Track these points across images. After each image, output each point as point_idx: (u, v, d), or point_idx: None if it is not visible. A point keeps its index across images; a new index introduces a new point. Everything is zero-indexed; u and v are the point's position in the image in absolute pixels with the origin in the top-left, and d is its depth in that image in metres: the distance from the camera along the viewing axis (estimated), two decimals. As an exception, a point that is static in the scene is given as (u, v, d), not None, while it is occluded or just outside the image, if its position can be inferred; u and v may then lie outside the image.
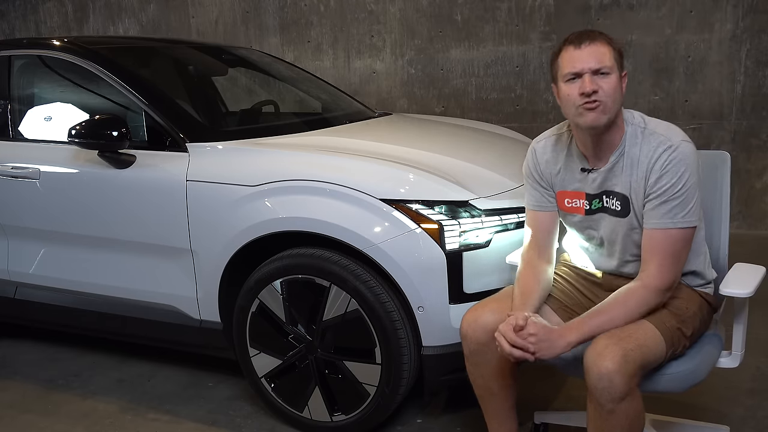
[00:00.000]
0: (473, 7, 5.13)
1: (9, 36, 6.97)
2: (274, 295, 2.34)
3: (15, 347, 3.31)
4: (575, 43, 1.71)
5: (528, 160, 1.97)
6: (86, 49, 2.88)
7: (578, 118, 1.73)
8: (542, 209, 1.95)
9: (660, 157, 1.71)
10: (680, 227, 1.71)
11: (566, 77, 1.72)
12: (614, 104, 1.71)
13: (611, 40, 1.73)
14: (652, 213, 1.72)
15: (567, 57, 1.72)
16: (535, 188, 1.95)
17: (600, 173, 1.80)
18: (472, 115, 5.21)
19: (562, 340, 1.65)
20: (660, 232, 1.71)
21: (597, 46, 1.70)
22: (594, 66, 1.68)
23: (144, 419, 2.60)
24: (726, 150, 1.87)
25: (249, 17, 5.91)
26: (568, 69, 1.71)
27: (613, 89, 1.70)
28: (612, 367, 1.55)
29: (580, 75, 1.69)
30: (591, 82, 1.68)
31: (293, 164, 2.38)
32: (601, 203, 1.83)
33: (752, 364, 2.71)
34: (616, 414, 1.59)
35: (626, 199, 1.77)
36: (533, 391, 2.59)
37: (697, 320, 1.80)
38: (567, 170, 1.88)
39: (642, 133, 1.76)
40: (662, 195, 1.70)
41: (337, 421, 2.35)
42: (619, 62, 1.73)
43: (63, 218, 2.76)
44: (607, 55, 1.70)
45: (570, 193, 1.89)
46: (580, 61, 1.69)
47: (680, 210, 1.70)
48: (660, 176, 1.70)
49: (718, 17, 4.49)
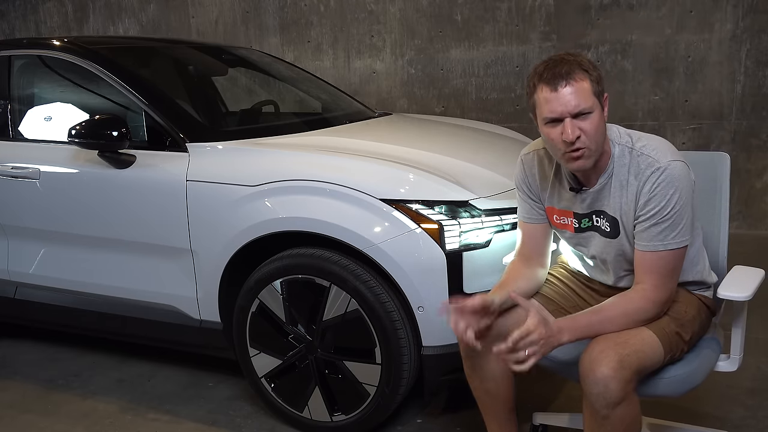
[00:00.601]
0: (473, 7, 5.13)
1: (9, 36, 6.97)
2: (274, 295, 2.34)
3: (15, 347, 3.31)
4: (551, 84, 1.60)
5: (517, 172, 1.93)
6: (86, 49, 2.88)
7: (564, 163, 1.70)
8: (533, 221, 1.92)
9: (648, 180, 1.66)
10: (671, 249, 1.68)
11: (545, 120, 1.64)
12: (599, 144, 1.65)
13: (588, 69, 1.63)
14: (642, 235, 1.70)
15: (543, 99, 1.63)
16: (525, 200, 1.92)
17: (589, 194, 1.77)
18: (472, 115, 5.21)
19: (557, 338, 1.60)
20: (651, 254, 1.69)
21: (574, 85, 1.59)
22: (573, 110, 1.60)
23: (144, 419, 2.60)
24: (726, 150, 1.87)
25: (249, 17, 5.91)
26: (547, 113, 1.63)
27: (596, 129, 1.62)
28: (608, 373, 1.54)
29: (561, 120, 1.62)
30: (572, 129, 1.60)
31: (293, 164, 2.38)
32: (591, 222, 1.80)
33: (753, 365, 2.71)
34: (611, 419, 1.57)
35: (615, 221, 1.75)
36: (533, 392, 2.59)
37: (696, 324, 1.79)
38: (555, 188, 1.85)
39: (630, 153, 1.71)
40: (652, 218, 1.67)
41: (337, 421, 2.35)
42: (599, 90, 1.64)
43: (63, 218, 2.76)
44: (586, 93, 1.60)
45: (558, 211, 1.86)
46: (558, 105, 1.60)
47: (670, 232, 1.67)
48: (648, 200, 1.67)
49: (718, 17, 4.49)
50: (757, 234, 4.59)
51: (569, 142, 1.61)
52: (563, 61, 1.62)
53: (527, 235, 1.94)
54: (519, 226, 1.97)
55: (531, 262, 1.92)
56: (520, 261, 1.94)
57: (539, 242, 1.93)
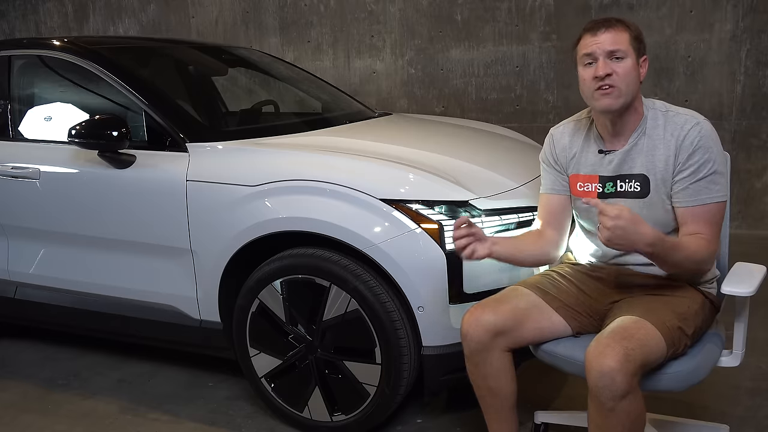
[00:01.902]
0: (473, 7, 5.13)
1: (9, 36, 6.97)
2: (274, 295, 2.34)
3: (15, 347, 3.31)
4: (592, 30, 1.78)
5: (545, 146, 2.04)
6: (86, 49, 2.88)
7: (593, 102, 1.80)
8: (555, 192, 2.01)
9: (689, 134, 1.76)
10: (717, 201, 1.76)
11: (582, 60, 1.79)
12: (629, 88, 1.76)
13: (630, 26, 1.78)
14: (688, 190, 1.77)
15: (583, 42, 1.80)
16: (549, 172, 2.02)
17: (617, 155, 1.84)
18: (472, 115, 5.21)
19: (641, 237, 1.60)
20: (700, 208, 1.76)
21: (613, 32, 1.75)
22: (608, 48, 1.74)
23: (144, 419, 2.60)
24: (726, 150, 1.87)
25: (249, 17, 5.91)
26: (583, 51, 1.78)
27: (627, 73, 1.75)
28: (614, 366, 1.55)
29: (596, 58, 1.76)
30: (604, 66, 1.74)
31: (293, 164, 2.38)
32: (615, 187, 1.86)
33: (753, 364, 2.71)
34: (616, 412, 1.59)
35: (646, 179, 1.81)
36: (533, 391, 2.59)
37: (699, 319, 1.80)
38: (583, 153, 1.93)
39: (664, 115, 1.82)
40: (697, 171, 1.75)
41: (337, 421, 2.35)
42: (638, 48, 1.78)
43: (63, 218, 2.76)
44: (623, 40, 1.75)
45: (583, 177, 1.92)
46: (594, 45, 1.76)
47: (714, 184, 1.75)
48: (692, 152, 1.75)
49: (718, 17, 4.49)
50: (757, 234, 4.59)
51: (600, 78, 1.73)
52: (609, 18, 1.80)
53: (550, 207, 2.03)
54: (541, 201, 2.06)
55: (546, 233, 2.01)
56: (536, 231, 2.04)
57: (559, 215, 2.02)
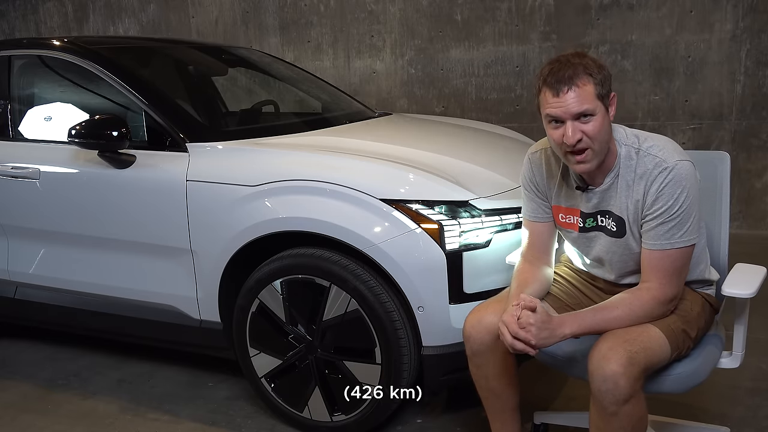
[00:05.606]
0: (473, 7, 5.13)
1: (9, 36, 6.97)
2: (274, 295, 2.34)
3: (15, 347, 3.31)
4: (554, 89, 1.62)
5: (524, 171, 1.94)
6: (86, 49, 2.88)
7: (568, 163, 1.72)
8: (539, 220, 1.93)
9: (656, 180, 1.67)
10: (678, 247, 1.69)
11: (547, 119, 1.67)
12: (602, 144, 1.66)
13: (592, 73, 1.62)
14: (650, 234, 1.71)
15: (545, 99, 1.65)
16: (531, 199, 1.93)
17: (596, 194, 1.78)
18: (472, 115, 5.21)
19: (560, 330, 1.62)
20: (659, 253, 1.70)
21: (577, 90, 1.60)
22: (575, 111, 1.61)
23: (144, 419, 2.60)
24: (726, 150, 1.87)
25: (249, 17, 5.91)
26: (547, 111, 1.65)
27: (599, 130, 1.63)
28: (617, 370, 1.55)
29: (562, 121, 1.64)
30: (573, 131, 1.62)
31: (293, 164, 2.38)
32: (596, 222, 1.81)
33: (753, 365, 2.71)
34: (619, 416, 1.58)
35: (622, 220, 1.75)
36: (533, 392, 2.59)
37: (702, 321, 1.80)
38: (562, 186, 1.86)
39: (636, 154, 1.72)
40: (659, 217, 1.68)
41: (337, 421, 2.35)
42: (605, 95, 1.64)
43: (63, 218, 2.76)
44: (588, 96, 1.61)
45: (564, 209, 1.87)
46: (559, 108, 1.62)
47: (678, 230, 1.68)
48: (656, 199, 1.67)
49: (718, 17, 4.49)
50: (757, 234, 4.59)
51: (571, 144, 1.64)
52: (568, 65, 1.63)
53: (534, 234, 1.94)
54: (524, 225, 1.97)
55: (538, 263, 1.92)
56: (527, 262, 1.93)
57: (546, 241, 1.94)
